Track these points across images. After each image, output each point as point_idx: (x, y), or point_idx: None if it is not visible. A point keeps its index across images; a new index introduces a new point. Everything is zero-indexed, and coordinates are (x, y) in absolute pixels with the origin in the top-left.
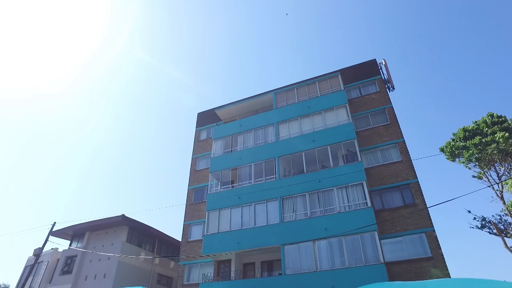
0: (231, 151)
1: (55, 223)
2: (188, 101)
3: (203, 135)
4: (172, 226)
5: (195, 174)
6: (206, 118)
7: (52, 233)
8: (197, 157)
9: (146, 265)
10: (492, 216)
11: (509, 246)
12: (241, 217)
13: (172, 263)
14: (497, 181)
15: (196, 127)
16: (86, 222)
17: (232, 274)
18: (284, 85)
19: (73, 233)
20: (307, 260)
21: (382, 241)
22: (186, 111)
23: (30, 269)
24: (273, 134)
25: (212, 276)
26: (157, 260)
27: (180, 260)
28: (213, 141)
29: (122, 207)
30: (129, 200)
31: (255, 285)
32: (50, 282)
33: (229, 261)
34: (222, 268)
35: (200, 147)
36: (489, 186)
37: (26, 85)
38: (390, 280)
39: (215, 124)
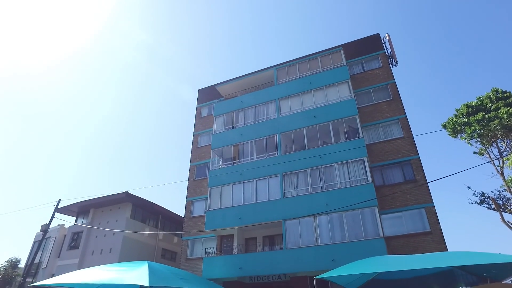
0: (233, 127)
1: (60, 200)
2: (189, 78)
3: (204, 112)
4: (175, 202)
5: (196, 151)
6: (207, 95)
7: (57, 210)
8: (198, 134)
9: (151, 240)
10: (491, 191)
11: (506, 220)
12: (243, 193)
13: (175, 238)
14: (498, 157)
15: (197, 104)
16: (90, 199)
17: (235, 249)
18: (286, 60)
19: (78, 210)
20: (308, 235)
21: (382, 216)
22: (187, 88)
23: (38, 244)
24: (275, 110)
25: (215, 250)
26: (161, 236)
27: (184, 235)
28: (214, 118)
29: (125, 184)
30: (132, 178)
31: (257, 259)
32: (58, 257)
33: (231, 236)
34: (224, 242)
35: (201, 123)
36: (489, 162)
37: (27, 62)
38: (389, 254)
39: (216, 100)
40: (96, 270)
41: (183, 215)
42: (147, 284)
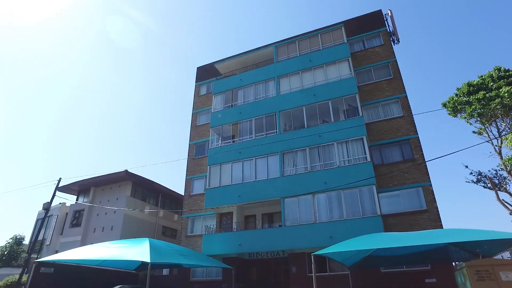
0: (232, 105)
1: (60, 178)
2: (188, 55)
3: (203, 90)
4: (174, 181)
5: (196, 129)
6: (206, 73)
7: (58, 188)
8: (197, 112)
9: (151, 218)
10: (488, 171)
11: (501, 199)
12: (242, 171)
13: (175, 216)
14: (497, 136)
15: (195, 82)
16: (90, 178)
17: (234, 226)
18: (286, 37)
19: (79, 188)
20: (306, 213)
21: (380, 194)
22: (186, 66)
23: (41, 222)
24: (274, 89)
25: (215, 228)
26: (161, 213)
27: (184, 213)
28: (213, 96)
29: (125, 163)
30: (132, 157)
31: (255, 236)
32: (61, 234)
33: (230, 213)
34: (224, 220)
35: (200, 102)
36: (488, 141)
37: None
38: (386, 232)
39: (215, 78)
40: (99, 246)
41: (183, 193)
42: (148, 260)
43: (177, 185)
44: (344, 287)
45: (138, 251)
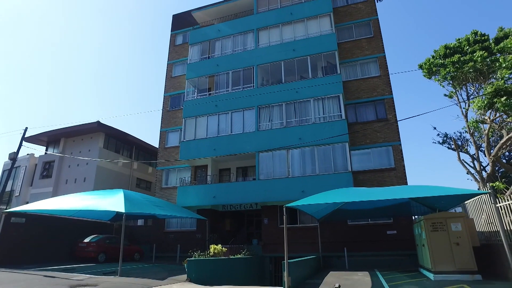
0: (209, 57)
1: (26, 128)
2: (163, 1)
3: (179, 40)
4: (149, 134)
5: (171, 80)
6: (182, 21)
7: (25, 138)
8: (173, 63)
9: (125, 170)
10: (454, 133)
11: (462, 159)
12: (218, 124)
13: (150, 168)
14: (466, 99)
15: (171, 31)
16: (60, 128)
17: (209, 179)
18: None
19: (48, 139)
20: (280, 167)
21: (352, 152)
22: (161, 13)
23: (8, 173)
24: (253, 41)
25: (189, 180)
26: (135, 165)
27: (158, 165)
28: (190, 46)
29: (97, 115)
30: (105, 109)
31: (230, 189)
32: (31, 185)
33: (205, 166)
34: (198, 173)
35: (176, 52)
36: (456, 104)
37: None
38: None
39: (191, 28)
40: (72, 197)
41: (157, 146)
42: (123, 211)
43: (152, 138)
44: (312, 238)
45: (112, 201)
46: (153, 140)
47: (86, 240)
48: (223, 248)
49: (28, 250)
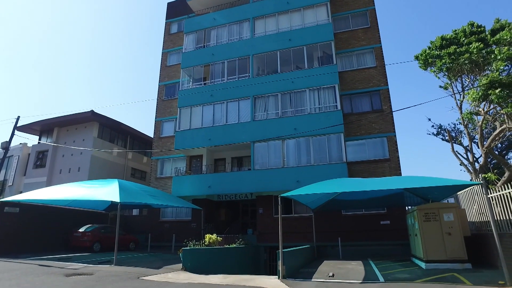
0: (204, 46)
1: (19, 117)
2: None
3: (174, 28)
4: (143, 123)
5: (166, 69)
6: (178, 9)
7: (18, 128)
8: (167, 51)
9: (120, 160)
10: (448, 124)
11: (455, 150)
12: (213, 114)
13: (145, 158)
14: (460, 91)
15: (166, 19)
16: (53, 118)
17: (204, 168)
18: None
19: (41, 128)
20: (275, 157)
21: (347, 142)
22: (156, 0)
23: (0, 162)
24: (249, 31)
25: (184, 170)
26: (130, 155)
27: (153, 154)
28: (185, 35)
29: (91, 104)
30: (98, 97)
31: (225, 179)
32: (24, 175)
33: (200, 156)
34: (193, 163)
35: (170, 41)
36: (451, 95)
37: None
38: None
39: (186, 16)
40: (67, 187)
41: (152, 136)
42: (118, 200)
43: (147, 128)
44: (307, 228)
45: (107, 191)
46: (148, 130)
47: (81, 229)
48: (218, 238)
49: (23, 239)
